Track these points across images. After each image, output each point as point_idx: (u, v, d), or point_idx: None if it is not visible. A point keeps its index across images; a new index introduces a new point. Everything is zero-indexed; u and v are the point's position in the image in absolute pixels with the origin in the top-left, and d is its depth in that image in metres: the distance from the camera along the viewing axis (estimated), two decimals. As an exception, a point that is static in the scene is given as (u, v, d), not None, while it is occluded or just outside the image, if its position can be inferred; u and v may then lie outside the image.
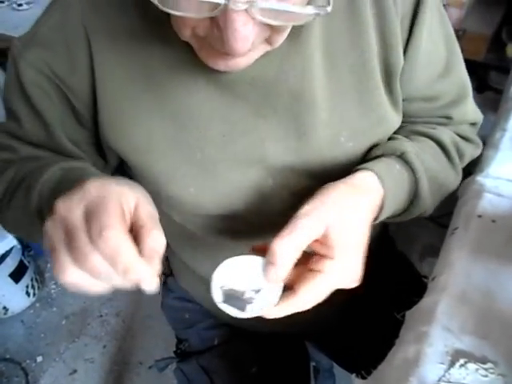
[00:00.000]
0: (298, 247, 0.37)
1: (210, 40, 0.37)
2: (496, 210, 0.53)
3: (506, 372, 0.39)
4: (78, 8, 0.45)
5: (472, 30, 1.64)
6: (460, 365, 0.40)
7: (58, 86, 0.47)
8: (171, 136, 0.47)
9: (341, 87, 0.47)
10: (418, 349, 0.42)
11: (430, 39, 0.49)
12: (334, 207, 0.39)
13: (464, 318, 0.43)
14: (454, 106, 0.54)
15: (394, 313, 0.52)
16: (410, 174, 0.48)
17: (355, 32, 0.46)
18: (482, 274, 0.46)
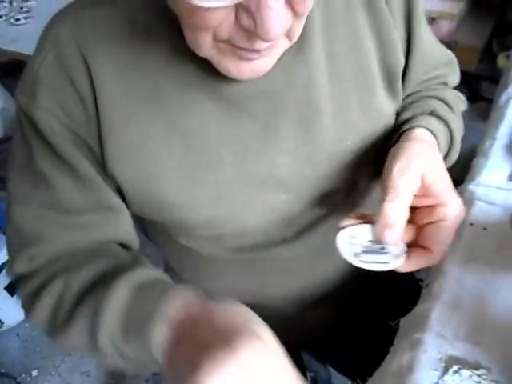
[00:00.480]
0: (406, 205, 0.40)
1: (235, 40, 0.36)
2: (487, 217, 0.53)
3: (498, 378, 0.39)
4: (72, 41, 0.43)
5: (463, 42, 1.67)
6: (454, 371, 0.40)
7: (71, 127, 0.44)
8: (182, 159, 0.46)
9: (343, 92, 0.48)
10: (413, 356, 0.42)
11: (426, 32, 0.52)
12: (421, 160, 0.42)
13: (457, 325, 0.44)
14: (448, 75, 0.60)
15: (389, 320, 0.52)
16: (444, 126, 0.52)
17: (353, 37, 0.48)
18: (474, 281, 0.47)
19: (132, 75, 0.43)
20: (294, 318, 0.65)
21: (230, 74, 0.39)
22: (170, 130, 0.44)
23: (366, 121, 0.50)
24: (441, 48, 0.59)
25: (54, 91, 0.43)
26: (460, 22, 1.68)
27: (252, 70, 0.39)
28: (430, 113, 0.52)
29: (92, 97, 0.43)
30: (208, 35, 0.35)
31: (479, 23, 1.73)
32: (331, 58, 0.47)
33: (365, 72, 0.48)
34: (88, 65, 0.42)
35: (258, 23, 0.32)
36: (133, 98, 0.44)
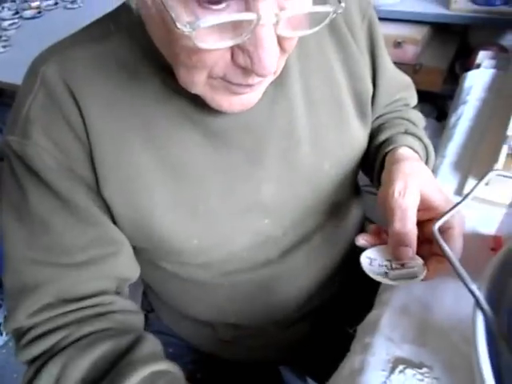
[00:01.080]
0: (413, 222, 0.44)
1: (230, 77, 0.37)
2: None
3: (439, 375, 0.42)
4: (60, 80, 0.43)
5: (428, 64, 1.76)
6: (399, 371, 0.43)
7: (66, 164, 0.44)
8: (173, 191, 0.47)
9: (319, 121, 0.53)
10: (363, 358, 0.46)
11: (388, 59, 0.59)
12: (415, 178, 0.47)
13: (404, 329, 0.47)
14: (408, 97, 0.67)
15: (347, 328, 0.56)
16: (419, 142, 0.58)
17: (325, 71, 0.53)
18: (421, 288, 0.51)
19: (121, 112, 0.44)
20: (274, 335, 0.67)
21: (222, 108, 0.41)
22: (159, 164, 0.46)
23: (341, 147, 0.54)
24: (400, 73, 0.65)
25: (47, 129, 0.43)
26: (424, 46, 1.78)
27: (242, 104, 0.41)
28: (405, 132, 0.59)
29: (85, 133, 0.44)
30: (203, 73, 0.37)
31: (443, 47, 1.83)
32: (307, 91, 0.51)
33: (338, 102, 0.53)
34: (78, 103, 0.43)
35: (255, 61, 0.34)
36: (123, 134, 0.45)
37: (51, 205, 0.45)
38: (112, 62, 0.44)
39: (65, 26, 0.55)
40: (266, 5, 0.31)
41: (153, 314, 0.78)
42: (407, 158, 0.52)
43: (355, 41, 0.54)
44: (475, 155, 0.67)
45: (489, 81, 0.86)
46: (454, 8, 1.61)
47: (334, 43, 0.53)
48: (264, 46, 0.33)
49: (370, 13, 0.56)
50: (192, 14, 0.32)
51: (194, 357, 0.74)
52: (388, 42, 1.73)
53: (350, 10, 0.53)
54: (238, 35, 0.33)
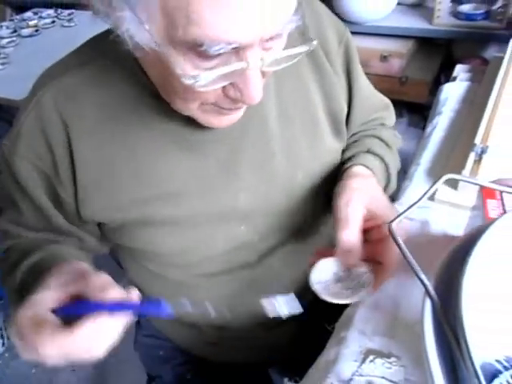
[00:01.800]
0: (359, 230, 0.47)
1: (220, 104, 0.42)
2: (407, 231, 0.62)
3: (406, 364, 0.46)
4: (50, 101, 0.48)
5: (414, 77, 1.82)
6: (370, 360, 0.47)
7: (46, 174, 0.51)
8: (153, 200, 0.52)
9: (294, 136, 0.57)
10: (337, 351, 0.49)
11: (363, 81, 0.63)
12: (360, 191, 0.51)
13: (376, 323, 0.51)
14: (385, 117, 0.70)
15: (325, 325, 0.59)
16: (380, 161, 0.62)
17: (301, 90, 0.57)
18: (392, 285, 0.54)
19: (105, 132, 0.49)
20: (260, 337, 0.70)
21: (212, 125, 0.47)
22: (141, 176, 0.51)
23: (314, 159, 0.59)
24: (377, 95, 0.70)
25: (31, 144, 0.50)
26: (410, 60, 1.84)
27: (229, 120, 0.47)
28: (367, 151, 0.62)
29: (67, 151, 0.49)
30: (197, 103, 0.43)
31: (427, 60, 1.89)
32: (282, 107, 0.55)
33: (312, 118, 0.58)
34: (66, 126, 0.49)
35: (244, 95, 0.40)
36: (105, 152, 0.50)
37: (23, 200, 0.54)
38: (98, 85, 0.49)
39: (61, 43, 0.58)
40: (252, 53, 0.37)
41: (144, 318, 0.81)
42: (357, 175, 0.56)
43: (331, 64, 0.58)
44: (447, 162, 0.71)
45: (463, 93, 0.91)
46: (437, 23, 1.68)
47: (311, 65, 0.57)
48: (252, 83, 0.39)
49: (346, 37, 0.60)
50: (193, 67, 0.37)
51: (184, 359, 0.77)
52: (375, 56, 1.80)
53: (326, 35, 0.57)
54: (231, 77, 0.38)
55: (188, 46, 0.35)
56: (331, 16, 0.60)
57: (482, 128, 0.70)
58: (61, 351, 0.36)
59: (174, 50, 0.36)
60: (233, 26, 0.34)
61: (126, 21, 0.36)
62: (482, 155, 0.65)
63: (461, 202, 0.62)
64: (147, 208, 0.52)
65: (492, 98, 0.77)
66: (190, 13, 0.33)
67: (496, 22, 1.61)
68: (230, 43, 0.35)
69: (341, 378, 0.46)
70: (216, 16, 0.33)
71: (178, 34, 0.34)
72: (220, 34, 0.34)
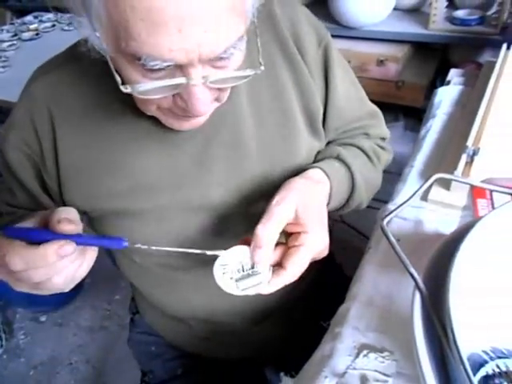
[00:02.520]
0: (276, 230, 0.46)
1: (174, 110, 0.45)
2: (401, 230, 0.63)
3: (399, 357, 0.48)
4: (41, 95, 0.54)
5: (410, 81, 1.84)
6: (363, 355, 0.48)
7: (35, 160, 0.55)
8: (128, 192, 0.55)
9: (268, 134, 0.58)
10: (332, 346, 0.51)
11: (342, 86, 0.62)
12: (298, 194, 0.50)
13: (369, 319, 0.52)
14: (370, 127, 0.69)
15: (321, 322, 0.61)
16: (346, 169, 0.61)
17: (275, 89, 0.58)
18: (386, 283, 0.56)
19: (87, 124, 0.54)
20: (247, 332, 0.72)
21: (173, 127, 0.50)
22: (119, 168, 0.55)
23: (289, 157, 0.59)
24: (363, 102, 0.68)
25: (21, 134, 0.55)
26: (406, 64, 1.87)
27: (190, 124, 0.49)
28: (336, 157, 0.62)
29: (52, 142, 0.54)
30: (153, 106, 0.46)
31: (423, 64, 1.92)
32: (255, 106, 0.57)
33: (288, 116, 0.58)
34: (52, 118, 0.53)
35: (189, 107, 0.42)
36: (88, 143, 0.54)
37: (14, 184, 0.59)
38: (82, 81, 0.53)
39: (62, 47, 0.59)
40: (195, 71, 0.39)
41: (138, 315, 0.83)
42: (308, 177, 0.55)
43: (307, 65, 0.59)
44: (440, 164, 0.73)
45: (456, 96, 0.93)
46: (432, 28, 1.70)
47: (286, 65, 0.58)
48: (195, 97, 0.41)
49: (326, 41, 0.60)
50: (140, 75, 0.40)
51: (175, 354, 0.79)
52: (372, 60, 1.83)
53: (302, 37, 0.58)
54: (174, 89, 0.41)
55: (131, 57, 0.38)
56: (311, 19, 0.61)
57: (474, 130, 0.72)
58: (23, 262, 0.39)
59: (123, 59, 0.40)
60: (167, 47, 0.36)
61: (83, 25, 0.40)
62: (474, 157, 0.67)
63: (452, 202, 0.64)
64: (123, 199, 0.56)
65: (484, 102, 0.78)
66: (129, 29, 0.36)
67: (490, 28, 1.64)
68: (165, 61, 0.38)
69: (335, 372, 0.48)
70: (152, 36, 0.36)
71: (122, 45, 0.38)
72: (155, 53, 0.37)
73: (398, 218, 0.66)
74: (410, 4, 1.84)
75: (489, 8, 1.70)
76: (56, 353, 1.54)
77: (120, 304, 1.63)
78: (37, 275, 0.40)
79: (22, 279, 0.41)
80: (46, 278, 0.41)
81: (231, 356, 0.77)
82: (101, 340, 1.56)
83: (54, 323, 1.63)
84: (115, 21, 0.36)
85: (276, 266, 0.48)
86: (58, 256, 0.39)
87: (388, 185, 0.75)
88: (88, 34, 0.40)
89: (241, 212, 0.59)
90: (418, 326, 0.34)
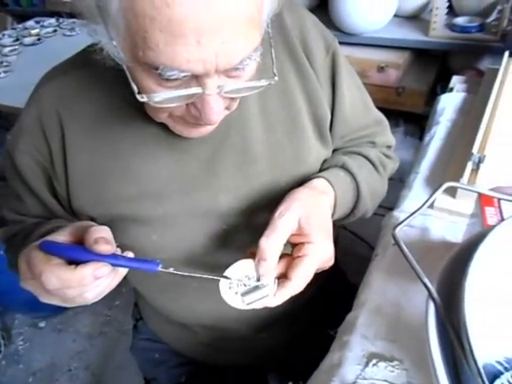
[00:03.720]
0: (280, 242, 0.46)
1: (186, 118, 0.45)
2: (407, 238, 0.63)
3: (409, 367, 0.47)
4: (50, 99, 0.53)
5: (410, 87, 1.85)
6: (373, 364, 0.48)
7: (44, 166, 0.55)
8: (135, 196, 0.55)
9: (277, 141, 0.58)
10: (341, 355, 0.50)
11: (349, 93, 0.62)
12: (301, 205, 0.49)
13: (378, 327, 0.52)
14: (376, 134, 0.69)
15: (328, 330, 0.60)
16: (351, 179, 0.61)
17: (284, 95, 0.58)
18: (394, 290, 0.56)
19: (96, 129, 0.53)
20: (252, 339, 0.71)
21: (182, 134, 0.50)
22: (126, 174, 0.54)
23: (298, 164, 0.59)
24: (369, 110, 0.68)
25: (31, 139, 0.54)
26: (406, 70, 1.88)
27: (199, 133, 0.50)
28: (341, 166, 0.62)
29: (61, 148, 0.54)
30: (165, 114, 0.46)
31: (423, 71, 1.93)
32: (265, 112, 0.57)
33: (296, 123, 0.58)
34: (61, 122, 0.53)
35: (202, 115, 0.43)
36: (97, 149, 0.54)
37: (25, 191, 0.58)
38: (92, 86, 0.53)
39: (63, 52, 0.59)
40: (211, 81, 0.39)
41: (141, 321, 0.83)
42: (312, 187, 0.55)
43: (315, 72, 0.59)
44: (445, 171, 0.73)
45: (460, 103, 0.93)
46: (433, 35, 1.71)
47: (295, 71, 0.58)
48: (209, 106, 0.41)
49: (333, 48, 0.61)
50: (156, 84, 0.40)
51: (178, 361, 0.78)
52: (372, 67, 1.83)
53: (311, 44, 0.58)
54: (189, 98, 0.41)
55: (148, 66, 0.38)
56: (319, 26, 0.61)
57: (479, 137, 0.72)
58: (59, 282, 0.40)
59: (139, 67, 0.40)
60: (185, 58, 0.37)
61: (98, 33, 0.40)
62: (480, 164, 0.67)
63: (459, 210, 0.64)
64: (131, 205, 0.55)
65: (488, 109, 0.79)
66: (148, 39, 0.36)
67: (490, 35, 1.65)
68: (182, 71, 0.38)
69: (345, 382, 0.47)
70: (170, 47, 0.36)
71: (139, 54, 0.38)
72: (173, 63, 0.37)
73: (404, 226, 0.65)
74: (410, 11, 1.85)
75: (488, 15, 1.71)
76: (55, 359, 1.52)
77: (120, 310, 1.62)
78: (70, 294, 0.41)
79: (53, 295, 0.42)
80: (77, 295, 0.42)
81: (236, 363, 0.76)
82: (100, 346, 1.54)
83: (53, 329, 1.61)
84: (133, 30, 0.36)
85: (281, 277, 0.48)
86: (94, 278, 0.41)
87: (390, 191, 0.75)
88: (104, 42, 0.40)
89: (248, 219, 0.59)
90: (432, 337, 0.34)
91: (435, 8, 1.66)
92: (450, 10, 1.74)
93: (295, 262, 0.47)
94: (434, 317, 0.35)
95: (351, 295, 0.61)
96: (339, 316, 0.59)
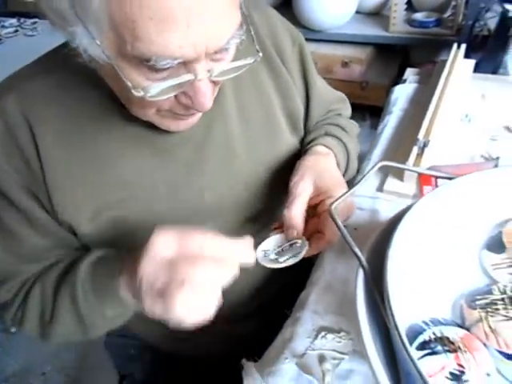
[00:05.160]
0: (301, 208, 0.51)
1: (175, 110, 0.45)
2: (358, 220, 0.67)
3: (354, 337, 0.50)
4: (17, 111, 0.48)
5: (374, 82, 1.91)
6: (321, 336, 0.51)
7: (24, 184, 0.50)
8: (120, 200, 0.53)
9: (254, 135, 0.61)
10: (292, 330, 0.53)
11: (318, 80, 0.68)
12: (311, 170, 0.55)
13: (328, 303, 0.55)
14: (341, 109, 0.76)
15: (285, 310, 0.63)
16: (338, 141, 0.66)
17: (258, 91, 0.61)
18: (343, 268, 0.59)
19: (72, 139, 0.50)
20: (227, 331, 0.72)
21: (170, 129, 0.50)
22: (109, 178, 0.52)
23: (274, 155, 0.63)
24: (332, 91, 0.76)
25: (6, 155, 0.49)
26: (369, 65, 1.93)
27: (186, 124, 0.50)
28: (325, 133, 0.68)
29: (37, 160, 0.49)
30: (153, 109, 0.46)
31: (386, 65, 1.99)
32: (241, 108, 0.59)
33: (271, 117, 0.62)
34: (33, 132, 0.48)
35: (195, 102, 0.43)
36: (73, 156, 0.50)
37: (15, 216, 0.51)
38: (64, 92, 0.50)
39: (25, 52, 0.57)
40: (200, 66, 0.40)
41: None
42: (315, 152, 0.61)
43: (285, 66, 0.63)
44: (394, 157, 0.77)
45: (411, 93, 0.98)
46: (393, 30, 1.78)
47: (266, 68, 0.62)
48: (201, 91, 0.42)
49: (299, 41, 0.65)
50: (144, 78, 0.39)
51: (154, 356, 0.79)
52: (337, 62, 1.88)
53: (279, 39, 0.62)
54: (180, 87, 0.41)
55: (138, 59, 0.38)
56: (284, 22, 0.65)
57: (425, 124, 0.77)
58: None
59: (125, 64, 0.39)
60: (177, 44, 0.37)
61: (78, 35, 0.38)
62: (424, 148, 0.71)
63: (406, 192, 0.68)
64: (116, 211, 0.54)
65: (435, 97, 0.83)
66: (136, 30, 0.35)
67: (447, 29, 1.72)
68: (175, 58, 0.38)
69: (295, 354, 0.50)
70: (161, 34, 0.36)
71: (127, 49, 0.37)
72: (165, 51, 0.37)
73: (355, 209, 0.69)
74: (371, 7, 1.91)
75: (445, 11, 1.78)
76: (28, 363, 1.50)
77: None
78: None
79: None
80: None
81: (210, 355, 0.78)
82: (75, 347, 1.53)
83: (25, 333, 1.59)
84: (119, 24, 0.35)
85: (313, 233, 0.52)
86: None
87: (354, 180, 0.80)
88: (85, 43, 0.38)
89: (232, 212, 0.61)
90: (360, 302, 0.37)
91: (394, 4, 1.72)
92: (409, 6, 1.81)
93: (322, 217, 0.51)
94: (363, 283, 0.38)
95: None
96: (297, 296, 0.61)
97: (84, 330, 0.52)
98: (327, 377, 0.47)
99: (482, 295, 0.39)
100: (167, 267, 0.39)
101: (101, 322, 0.51)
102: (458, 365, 0.34)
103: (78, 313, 0.50)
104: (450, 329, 0.37)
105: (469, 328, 0.37)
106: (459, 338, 0.36)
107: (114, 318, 0.51)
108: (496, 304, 0.37)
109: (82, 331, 0.52)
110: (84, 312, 0.49)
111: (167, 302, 0.38)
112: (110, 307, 0.49)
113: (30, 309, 0.53)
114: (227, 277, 0.40)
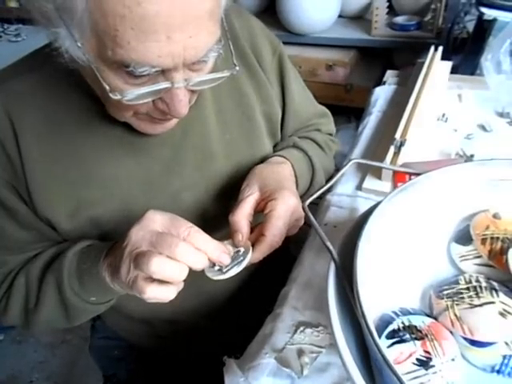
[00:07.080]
0: (246, 212, 0.51)
1: (152, 114, 0.46)
2: (337, 218, 0.68)
3: (332, 331, 0.52)
4: (1, 110, 0.49)
5: (358, 84, 1.93)
6: (300, 331, 0.52)
7: (7, 179, 0.51)
8: (102, 201, 0.54)
9: (233, 139, 0.62)
10: (273, 325, 0.54)
11: (296, 91, 0.69)
12: (257, 176, 0.56)
13: (307, 299, 0.56)
14: (320, 124, 0.77)
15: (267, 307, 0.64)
16: (303, 154, 0.67)
17: (238, 96, 0.62)
18: (323, 265, 0.60)
19: (53, 137, 0.51)
20: (207, 329, 0.74)
21: (147, 132, 0.51)
22: (87, 179, 0.54)
23: (252, 160, 0.64)
24: (314, 104, 0.76)
25: None
26: (353, 68, 1.96)
27: (163, 128, 0.51)
28: (292, 145, 0.68)
29: (18, 156, 0.50)
30: (130, 112, 0.47)
31: (369, 68, 2.02)
32: (220, 113, 0.61)
33: (251, 122, 0.63)
34: (14, 128, 0.50)
35: (171, 109, 0.45)
36: (52, 154, 0.51)
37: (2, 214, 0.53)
38: (46, 91, 0.51)
39: (9, 58, 0.58)
40: (177, 74, 0.41)
41: (99, 321, 0.83)
42: (268, 162, 0.62)
43: (265, 73, 0.64)
44: (373, 157, 0.79)
45: (391, 95, 1.00)
46: (375, 34, 1.81)
47: (246, 73, 0.63)
48: (178, 99, 0.43)
49: (279, 50, 0.66)
50: (122, 82, 0.41)
51: (138, 356, 0.80)
52: (321, 66, 1.91)
53: (259, 47, 0.63)
54: (158, 93, 0.43)
55: (117, 64, 0.39)
56: (265, 31, 0.66)
57: (401, 124, 0.78)
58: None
59: (105, 67, 0.40)
60: (156, 54, 0.38)
61: (61, 36, 0.40)
62: (401, 147, 0.73)
63: (383, 189, 0.70)
64: (97, 209, 0.55)
65: (412, 98, 0.85)
66: (118, 38, 0.37)
67: (427, 32, 1.75)
68: (153, 67, 0.39)
69: (275, 348, 0.51)
70: (141, 43, 0.37)
71: (108, 53, 0.38)
72: (144, 59, 0.39)
73: (335, 207, 0.71)
74: (354, 11, 1.94)
75: (425, 14, 1.82)
76: (15, 371, 1.49)
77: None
78: None
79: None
80: None
81: (193, 352, 0.79)
82: (63, 355, 1.53)
83: (12, 341, 1.58)
84: (101, 29, 0.37)
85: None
86: None
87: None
88: (68, 44, 0.40)
89: (209, 214, 0.62)
90: (331, 294, 0.38)
91: (375, 8, 1.75)
92: (390, 9, 1.84)
93: (265, 219, 0.51)
94: (334, 276, 0.40)
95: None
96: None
97: (67, 315, 0.54)
98: (305, 370, 0.48)
99: (449, 285, 0.40)
100: (154, 238, 0.42)
101: (83, 307, 0.52)
102: (424, 351, 0.36)
103: (63, 297, 0.51)
104: (418, 318, 0.39)
105: (436, 317, 0.39)
106: (426, 327, 0.38)
107: (96, 303, 0.52)
108: (462, 293, 0.39)
109: (65, 317, 0.54)
110: (68, 297, 0.51)
111: (145, 258, 0.41)
112: (92, 292, 0.51)
113: (14, 296, 0.54)
114: (201, 264, 0.44)
